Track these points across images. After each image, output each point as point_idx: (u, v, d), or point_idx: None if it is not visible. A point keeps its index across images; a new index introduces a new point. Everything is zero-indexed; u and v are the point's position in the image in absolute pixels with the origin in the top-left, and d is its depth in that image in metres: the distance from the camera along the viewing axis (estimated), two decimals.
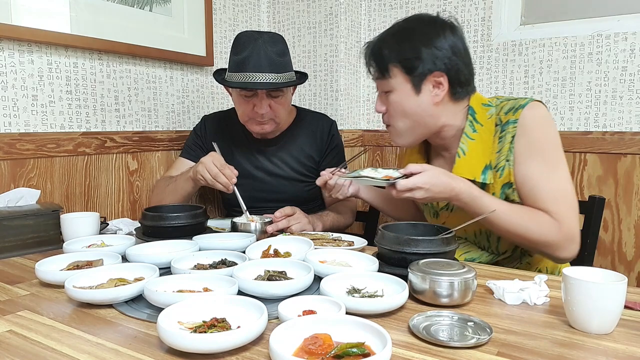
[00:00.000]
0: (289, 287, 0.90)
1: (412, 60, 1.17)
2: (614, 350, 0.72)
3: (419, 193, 1.07)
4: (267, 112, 1.54)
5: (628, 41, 1.74)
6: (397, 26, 1.24)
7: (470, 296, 0.89)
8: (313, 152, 1.71)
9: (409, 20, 1.25)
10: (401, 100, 1.21)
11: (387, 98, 1.24)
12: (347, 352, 0.65)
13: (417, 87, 1.19)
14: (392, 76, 1.20)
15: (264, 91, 1.52)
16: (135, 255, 1.09)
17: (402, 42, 1.19)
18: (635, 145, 1.74)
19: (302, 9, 2.24)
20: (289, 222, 1.43)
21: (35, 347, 0.73)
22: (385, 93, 1.24)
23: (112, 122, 1.70)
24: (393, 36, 1.21)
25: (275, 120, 1.59)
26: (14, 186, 1.43)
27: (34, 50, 1.48)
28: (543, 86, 1.91)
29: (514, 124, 1.16)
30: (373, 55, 1.24)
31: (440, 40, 1.18)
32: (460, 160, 1.21)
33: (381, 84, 1.24)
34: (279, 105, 1.56)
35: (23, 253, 1.25)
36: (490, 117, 1.22)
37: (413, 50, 1.17)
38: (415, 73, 1.18)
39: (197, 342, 0.68)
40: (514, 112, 1.17)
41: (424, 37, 1.18)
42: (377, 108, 1.28)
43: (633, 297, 0.90)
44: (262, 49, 1.50)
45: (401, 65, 1.19)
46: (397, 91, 1.21)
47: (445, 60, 1.17)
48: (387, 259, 1.05)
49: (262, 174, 1.68)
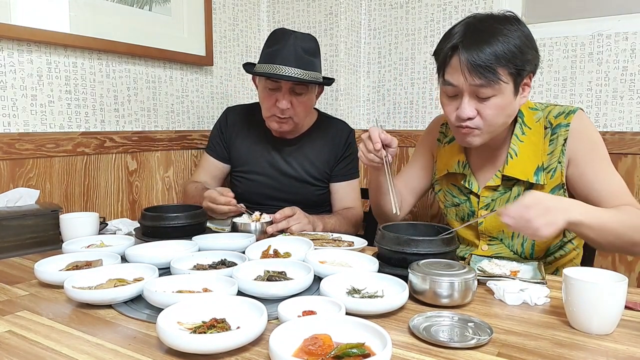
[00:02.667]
0: (288, 288, 0.90)
1: (522, 62, 1.09)
2: (614, 350, 0.72)
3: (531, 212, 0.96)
4: (287, 107, 1.54)
5: (629, 41, 1.74)
6: (486, 25, 1.10)
7: (471, 297, 0.89)
8: (329, 157, 1.71)
9: (491, 19, 1.12)
10: (504, 105, 1.11)
11: (481, 103, 1.11)
12: (347, 353, 0.64)
13: (517, 89, 1.12)
14: (500, 81, 1.08)
15: (288, 86, 1.53)
16: (134, 256, 1.08)
17: (508, 43, 1.07)
18: (636, 146, 1.73)
19: (302, 9, 2.24)
20: (289, 223, 1.43)
21: (34, 347, 0.72)
22: (480, 98, 1.11)
23: (111, 122, 1.70)
24: (493, 36, 1.08)
25: (294, 119, 1.59)
26: (13, 186, 1.43)
27: (33, 50, 1.48)
28: (544, 86, 1.91)
29: (566, 127, 1.17)
30: (475, 58, 1.07)
31: (533, 40, 1.13)
32: (513, 161, 1.20)
33: (478, 89, 1.09)
34: (300, 104, 1.57)
35: (22, 253, 1.24)
36: (539, 120, 1.21)
37: (521, 52, 1.08)
38: (522, 75, 1.11)
39: (197, 343, 0.67)
40: (565, 116, 1.18)
41: (524, 36, 1.10)
42: (464, 114, 1.12)
43: (633, 298, 0.90)
44: (293, 44, 1.52)
45: (514, 68, 1.08)
46: (502, 95, 1.10)
47: (537, 61, 1.14)
48: (387, 259, 1.05)
49: (276, 173, 1.70)
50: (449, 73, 1.13)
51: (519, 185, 1.22)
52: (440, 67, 1.16)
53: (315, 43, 1.60)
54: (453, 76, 1.12)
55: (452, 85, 1.12)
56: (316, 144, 1.71)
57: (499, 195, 1.24)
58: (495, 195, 1.25)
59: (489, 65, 1.06)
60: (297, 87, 1.55)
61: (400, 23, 2.22)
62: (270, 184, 1.70)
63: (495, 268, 1.05)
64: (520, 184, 1.21)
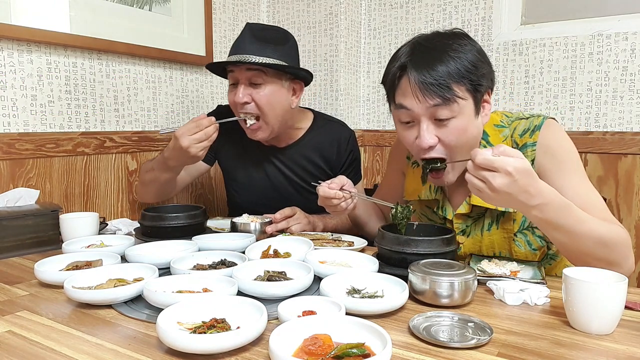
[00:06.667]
0: (288, 288, 0.90)
1: (478, 77, 1.00)
2: (614, 350, 0.72)
3: (500, 180, 0.83)
4: (244, 101, 1.42)
5: (629, 41, 1.74)
6: (435, 42, 1.02)
7: (471, 297, 0.89)
8: (326, 164, 1.61)
9: (439, 37, 1.04)
10: (465, 126, 1.01)
11: (440, 128, 1.02)
12: (347, 353, 0.64)
13: (477, 107, 1.03)
14: (458, 99, 0.99)
15: (243, 75, 1.42)
16: (134, 256, 1.08)
17: (460, 58, 0.99)
18: (636, 146, 1.73)
19: (301, 9, 2.24)
20: (289, 224, 1.42)
21: (34, 347, 0.72)
22: (439, 121, 1.01)
23: (111, 122, 1.70)
24: (443, 52, 0.99)
25: (264, 119, 1.45)
26: (13, 186, 1.43)
27: (33, 50, 1.48)
28: (543, 86, 1.91)
29: (533, 147, 1.08)
30: (426, 77, 0.98)
31: (486, 55, 1.05)
32: None
33: (435, 111, 1.00)
34: (262, 97, 1.42)
35: (22, 253, 1.24)
36: (505, 139, 1.12)
37: (475, 67, 1.00)
38: (480, 91, 1.02)
39: (197, 343, 0.67)
40: (530, 134, 1.09)
41: (477, 51, 1.02)
42: (424, 143, 1.02)
43: (633, 298, 0.89)
44: (246, 34, 1.44)
45: (470, 84, 0.99)
46: (461, 116, 1.01)
47: (492, 76, 1.06)
48: (387, 259, 1.05)
49: (271, 182, 1.62)
50: (400, 95, 1.03)
51: (489, 214, 1.14)
52: (389, 92, 1.06)
53: (279, 33, 1.49)
54: (405, 99, 1.02)
55: (405, 108, 1.02)
56: (313, 150, 1.60)
57: (472, 222, 1.17)
58: (469, 221, 1.17)
59: (442, 83, 0.97)
60: (253, 77, 1.41)
61: (400, 23, 2.22)
62: (266, 193, 1.62)
63: (495, 268, 1.05)
64: (490, 212, 1.13)
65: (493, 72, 1.07)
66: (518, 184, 0.84)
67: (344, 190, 1.18)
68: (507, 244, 1.15)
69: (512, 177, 0.83)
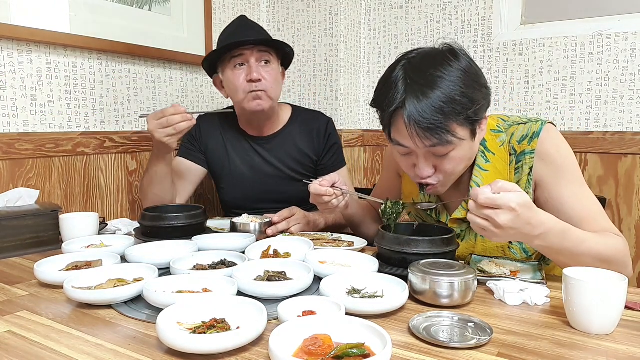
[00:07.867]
0: (288, 288, 0.90)
1: (475, 110, 0.99)
2: (614, 350, 0.72)
3: (504, 216, 0.83)
4: (259, 78, 1.51)
5: (629, 41, 1.74)
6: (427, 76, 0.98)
7: (471, 297, 0.89)
8: (310, 151, 1.68)
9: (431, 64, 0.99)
10: (464, 155, 1.03)
11: (438, 159, 1.03)
12: (347, 353, 0.64)
13: (474, 132, 1.03)
14: (455, 137, 0.98)
15: (254, 55, 1.51)
16: (134, 256, 1.08)
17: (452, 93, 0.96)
18: (636, 146, 1.73)
19: (301, 9, 2.24)
20: (289, 224, 1.42)
21: (34, 347, 0.72)
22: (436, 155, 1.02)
23: (111, 122, 1.70)
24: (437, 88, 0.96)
25: (268, 94, 1.54)
26: (13, 186, 1.43)
27: (33, 50, 1.48)
28: (544, 86, 1.91)
29: (531, 154, 1.08)
30: (422, 120, 0.96)
31: (483, 77, 1.04)
32: None
33: (434, 149, 1.00)
34: (269, 74, 1.53)
35: (22, 253, 1.24)
36: (502, 145, 1.12)
37: (470, 98, 0.97)
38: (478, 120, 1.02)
39: (197, 343, 0.67)
40: (529, 141, 1.09)
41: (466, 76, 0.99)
42: (423, 173, 1.04)
43: (633, 298, 0.89)
44: (249, 24, 1.57)
45: (468, 122, 0.99)
46: (459, 148, 1.01)
47: (488, 98, 1.05)
48: (387, 259, 1.05)
49: (259, 175, 1.66)
50: (396, 134, 1.03)
51: None
52: (385, 127, 1.05)
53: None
54: (402, 139, 1.02)
55: (403, 146, 1.03)
56: (294, 138, 1.67)
57: (467, 227, 1.17)
58: (464, 226, 1.18)
59: (440, 126, 0.96)
60: (263, 54, 1.53)
61: (400, 23, 2.22)
62: (255, 187, 1.66)
63: (495, 268, 1.05)
64: None
65: (489, 93, 1.05)
66: (521, 218, 0.84)
67: (335, 188, 1.20)
68: (500, 251, 1.16)
69: (515, 212, 0.83)
